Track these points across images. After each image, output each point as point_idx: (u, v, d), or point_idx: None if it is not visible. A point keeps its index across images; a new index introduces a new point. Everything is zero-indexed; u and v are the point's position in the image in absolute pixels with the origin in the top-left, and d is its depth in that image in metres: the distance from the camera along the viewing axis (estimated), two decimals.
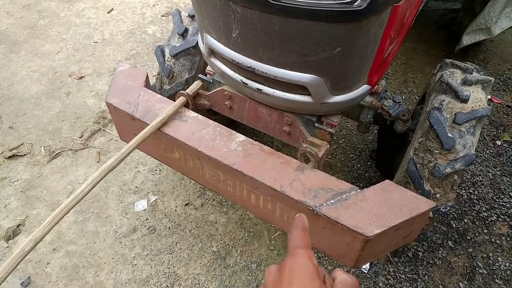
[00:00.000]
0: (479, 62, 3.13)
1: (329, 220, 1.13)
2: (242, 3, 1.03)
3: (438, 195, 1.46)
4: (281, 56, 1.13)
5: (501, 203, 2.14)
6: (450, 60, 1.69)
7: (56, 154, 2.39)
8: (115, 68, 3.00)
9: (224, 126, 1.40)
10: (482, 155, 2.39)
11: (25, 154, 2.39)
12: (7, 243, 1.97)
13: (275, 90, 1.27)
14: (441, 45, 3.25)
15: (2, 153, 2.38)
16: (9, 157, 2.36)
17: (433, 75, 1.76)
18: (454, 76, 1.59)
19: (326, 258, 1.93)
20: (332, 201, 1.16)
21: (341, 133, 2.51)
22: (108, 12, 3.62)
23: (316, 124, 1.38)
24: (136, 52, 3.17)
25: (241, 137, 1.37)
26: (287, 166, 1.26)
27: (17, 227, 2.02)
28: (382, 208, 1.14)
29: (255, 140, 1.35)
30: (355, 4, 0.94)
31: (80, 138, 2.49)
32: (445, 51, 3.18)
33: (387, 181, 1.23)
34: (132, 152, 1.33)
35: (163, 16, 3.60)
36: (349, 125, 2.54)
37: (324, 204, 1.15)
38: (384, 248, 1.26)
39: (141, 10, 3.66)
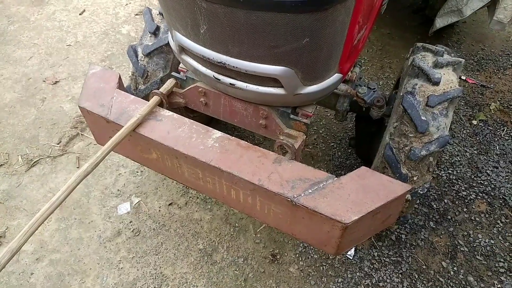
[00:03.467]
0: (453, 43, 3.18)
1: (307, 210, 1.14)
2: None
3: (415, 178, 1.49)
4: (250, 50, 1.12)
5: (479, 182, 2.19)
6: (421, 44, 1.71)
7: (34, 162, 2.35)
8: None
9: (200, 124, 1.39)
10: (459, 135, 2.44)
11: (1, 164, 2.34)
12: None
13: (247, 84, 1.27)
14: (415, 29, 3.28)
15: None
16: None
17: (406, 60, 1.78)
18: (426, 60, 1.61)
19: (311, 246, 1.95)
20: (310, 191, 1.17)
21: (321, 123, 2.52)
22: (80, 14, 3.54)
23: (292, 116, 1.38)
24: (111, 53, 3.11)
25: (218, 133, 1.36)
26: (265, 159, 1.26)
27: None
28: (358, 194, 1.16)
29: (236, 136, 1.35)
30: None
31: (58, 144, 2.45)
32: (420, 34, 3.21)
33: (363, 167, 1.24)
34: (107, 155, 1.32)
35: (136, 15, 3.54)
36: (328, 115, 2.55)
37: (302, 195, 1.15)
38: (364, 233, 1.28)
39: (114, 10, 3.59)
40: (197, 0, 1.04)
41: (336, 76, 1.29)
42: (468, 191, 2.15)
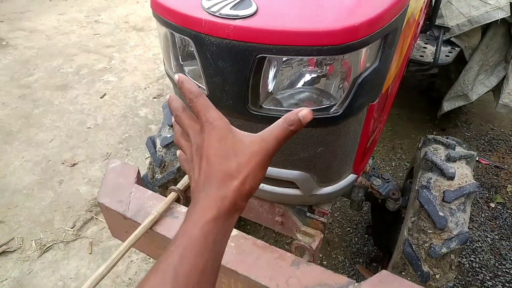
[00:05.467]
0: (462, 123, 3.24)
1: None
2: (225, 112, 1.08)
3: (437, 276, 1.44)
4: None
5: (504, 270, 2.09)
6: (433, 136, 1.75)
7: (47, 248, 2.34)
8: (107, 153, 3.05)
9: None
10: (478, 219, 2.38)
11: (15, 250, 2.33)
12: None
13: (264, 185, 1.29)
14: (423, 109, 3.38)
15: None
16: None
17: (418, 150, 1.81)
18: (438, 153, 1.63)
19: None
20: None
21: (336, 206, 2.50)
22: (101, 97, 3.76)
23: (308, 214, 1.38)
24: (128, 136, 3.24)
25: (234, 232, 1.36)
26: (282, 262, 1.24)
27: None
28: None
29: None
30: (331, 110, 1.00)
31: (72, 228, 2.45)
32: (428, 115, 3.29)
33: (384, 271, 1.20)
34: (123, 256, 1.31)
35: (154, 98, 3.74)
36: (343, 198, 2.54)
37: None
38: None
39: (133, 94, 3.80)
40: None
41: (351, 177, 1.31)
42: (494, 281, 2.05)
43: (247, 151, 0.53)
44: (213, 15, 0.91)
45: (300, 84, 1.02)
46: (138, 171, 1.64)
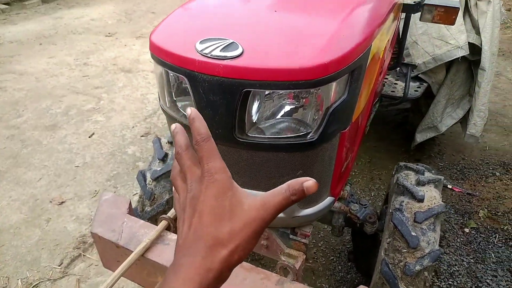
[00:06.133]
0: (435, 154, 3.43)
1: None
2: (215, 140, 1.20)
3: None
4: (252, 180, 1.28)
5: None
6: (404, 163, 1.90)
7: (33, 286, 2.33)
8: (95, 191, 3.10)
9: None
10: (454, 244, 2.50)
11: None
12: None
13: None
14: (399, 141, 3.57)
15: None
16: None
17: (392, 177, 1.95)
18: (409, 178, 1.78)
19: None
20: None
21: (319, 236, 2.59)
22: (89, 137, 3.84)
23: (291, 236, 1.48)
24: (116, 173, 3.30)
25: None
26: (268, 282, 1.32)
27: None
28: None
29: None
30: (308, 137, 1.14)
31: (59, 266, 2.46)
32: (403, 147, 3.49)
33: (361, 286, 1.30)
34: (116, 282, 1.37)
35: (142, 136, 3.84)
36: (326, 227, 2.64)
37: None
38: None
39: (121, 132, 3.90)
40: None
41: (328, 199, 1.44)
42: None
43: (243, 217, 0.50)
44: (205, 56, 1.06)
45: (280, 115, 1.17)
46: (130, 202, 1.73)
